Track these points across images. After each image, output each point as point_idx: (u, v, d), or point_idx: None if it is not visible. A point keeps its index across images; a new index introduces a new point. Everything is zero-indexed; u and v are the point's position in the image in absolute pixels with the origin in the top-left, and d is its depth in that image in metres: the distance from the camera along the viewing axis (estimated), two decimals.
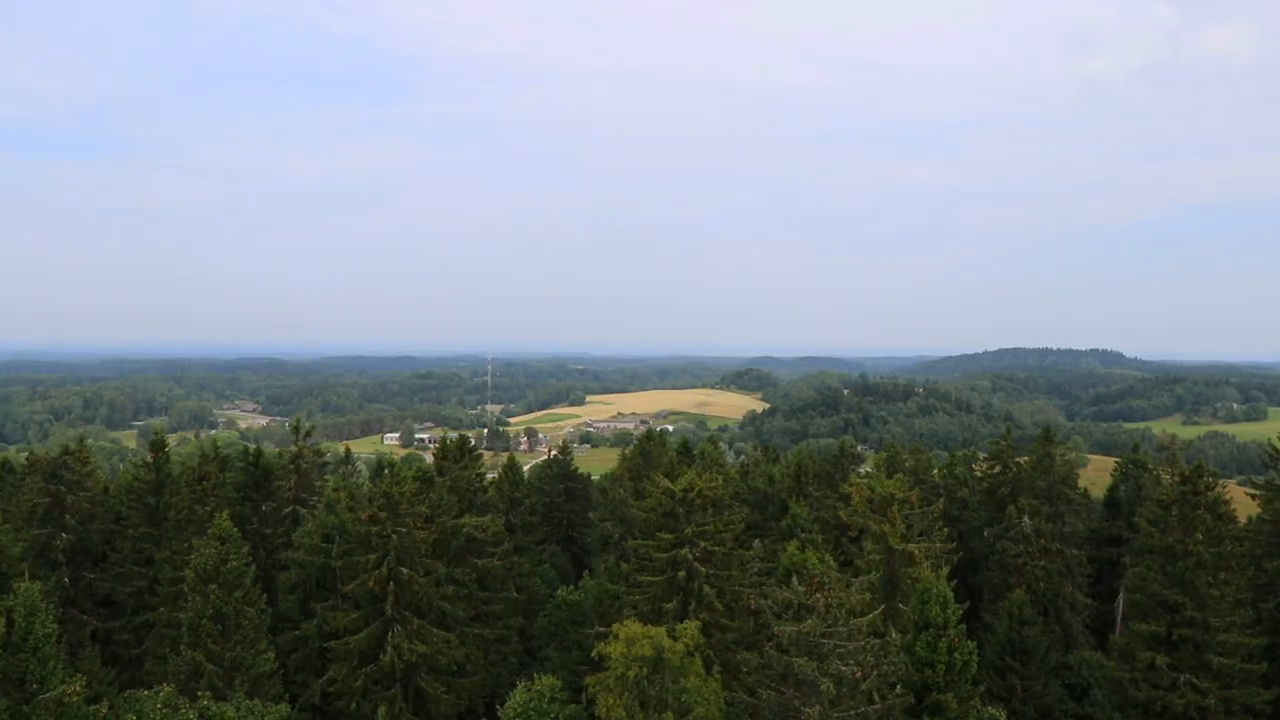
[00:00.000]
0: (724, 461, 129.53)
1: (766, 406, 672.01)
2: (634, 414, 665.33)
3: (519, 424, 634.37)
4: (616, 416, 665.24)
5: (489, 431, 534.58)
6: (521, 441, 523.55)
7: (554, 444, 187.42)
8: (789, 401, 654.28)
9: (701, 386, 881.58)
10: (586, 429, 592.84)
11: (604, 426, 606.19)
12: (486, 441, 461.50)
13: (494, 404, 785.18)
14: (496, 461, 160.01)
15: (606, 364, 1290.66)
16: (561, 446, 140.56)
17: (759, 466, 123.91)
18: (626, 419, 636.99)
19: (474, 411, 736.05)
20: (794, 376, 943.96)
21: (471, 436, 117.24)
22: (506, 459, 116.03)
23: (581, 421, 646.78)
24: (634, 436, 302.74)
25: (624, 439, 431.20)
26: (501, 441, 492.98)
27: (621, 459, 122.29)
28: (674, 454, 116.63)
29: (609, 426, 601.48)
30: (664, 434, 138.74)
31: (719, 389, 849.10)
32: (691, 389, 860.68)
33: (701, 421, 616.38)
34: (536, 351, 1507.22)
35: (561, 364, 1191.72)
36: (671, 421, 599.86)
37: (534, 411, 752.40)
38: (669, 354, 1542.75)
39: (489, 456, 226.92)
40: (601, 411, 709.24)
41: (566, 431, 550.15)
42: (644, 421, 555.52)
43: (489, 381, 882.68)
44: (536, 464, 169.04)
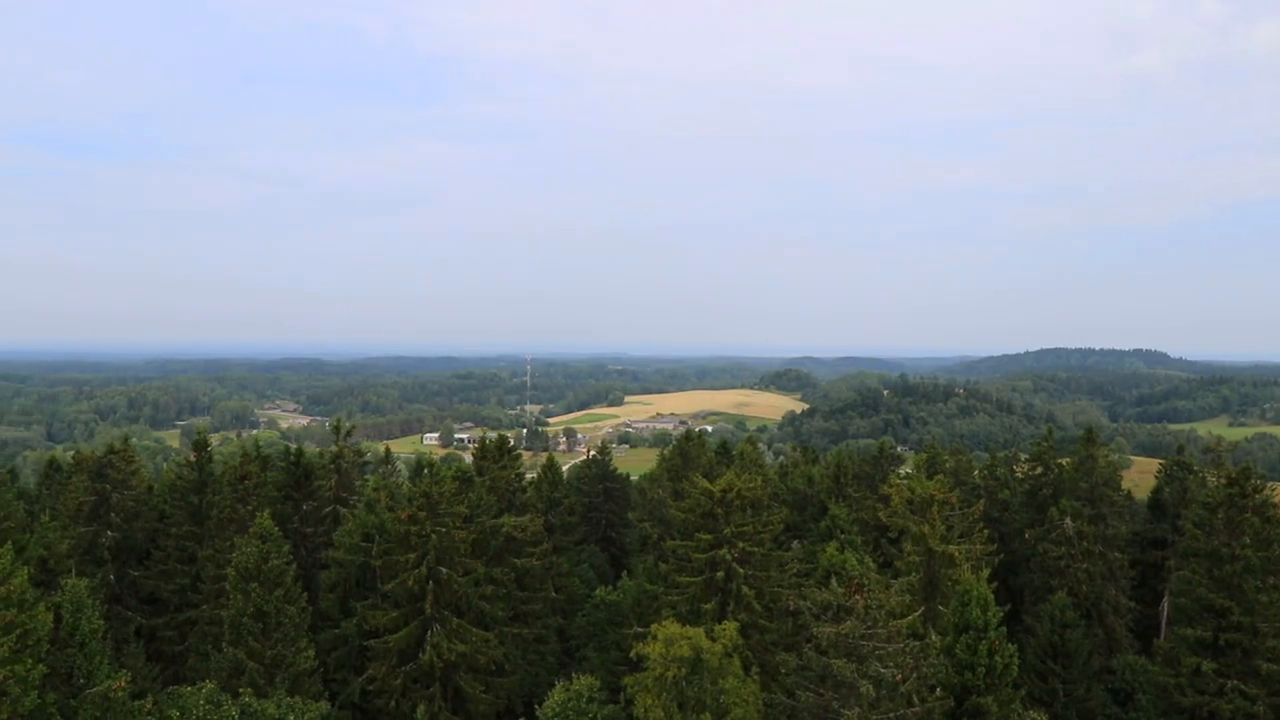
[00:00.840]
0: (763, 462, 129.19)
1: (806, 407, 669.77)
2: (673, 414, 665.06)
3: (558, 424, 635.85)
4: (655, 417, 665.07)
5: (528, 432, 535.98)
6: (560, 442, 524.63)
7: (593, 444, 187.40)
8: (828, 402, 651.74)
9: (740, 387, 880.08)
10: (625, 429, 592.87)
11: (643, 427, 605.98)
12: (525, 442, 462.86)
13: (533, 404, 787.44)
14: (535, 462, 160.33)
15: (645, 364, 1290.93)
16: (600, 447, 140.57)
17: (798, 467, 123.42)
18: (665, 419, 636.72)
19: (513, 412, 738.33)
20: (833, 377, 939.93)
21: (511, 437, 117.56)
22: (545, 459, 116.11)
23: (620, 422, 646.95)
24: (673, 437, 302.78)
25: (663, 439, 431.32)
26: (540, 442, 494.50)
27: (660, 459, 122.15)
28: (713, 454, 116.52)
29: (648, 427, 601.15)
30: (703, 434, 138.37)
31: (758, 389, 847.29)
32: (730, 389, 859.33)
33: (740, 422, 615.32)
34: (576, 352, 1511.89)
35: (600, 364, 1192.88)
36: (710, 422, 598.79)
37: (573, 412, 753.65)
38: (708, 354, 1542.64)
39: (528, 457, 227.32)
40: (640, 412, 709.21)
41: (605, 432, 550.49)
42: (683, 422, 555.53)
43: (528, 382, 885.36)
44: (575, 464, 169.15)
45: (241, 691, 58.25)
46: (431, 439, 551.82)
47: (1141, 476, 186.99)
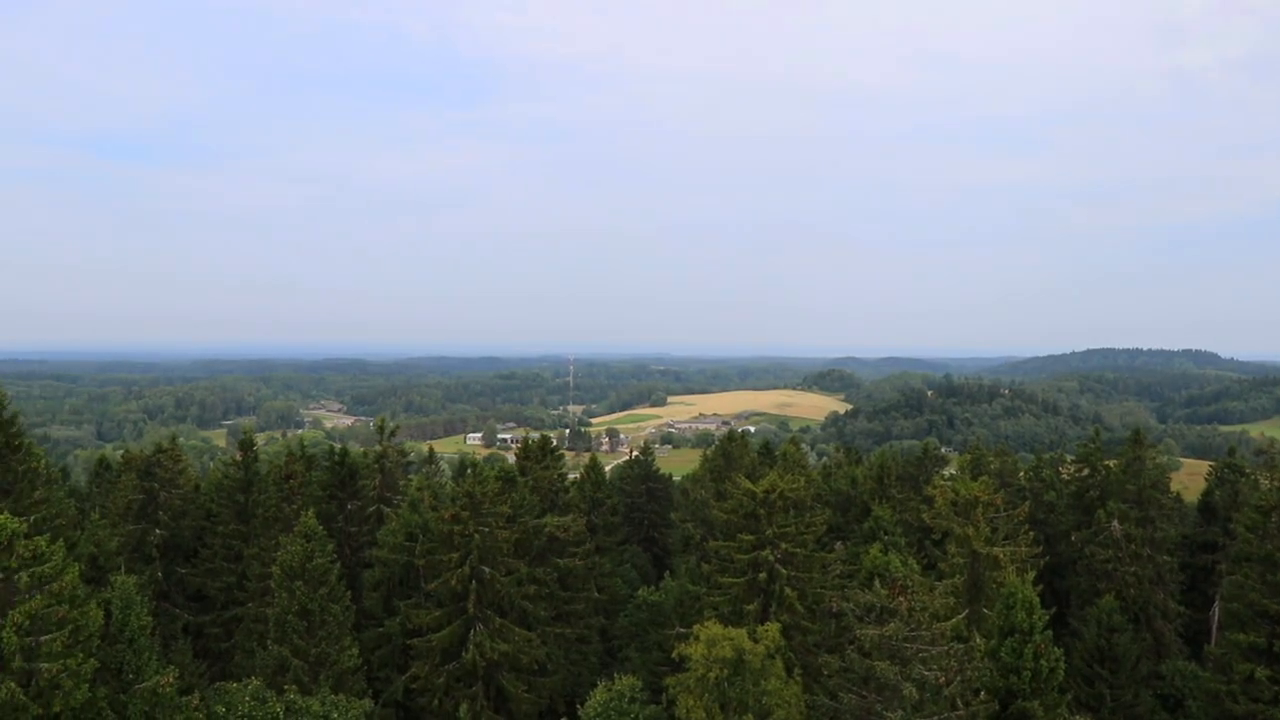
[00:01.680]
0: (806, 463, 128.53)
1: (849, 407, 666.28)
2: (715, 415, 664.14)
3: (601, 424, 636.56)
4: (698, 417, 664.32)
5: (571, 432, 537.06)
6: (603, 442, 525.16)
7: (635, 444, 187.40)
8: (872, 403, 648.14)
9: (783, 387, 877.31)
10: (668, 429, 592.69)
11: (685, 427, 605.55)
12: (568, 442, 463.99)
13: (576, 404, 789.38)
14: (578, 462, 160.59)
15: (688, 364, 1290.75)
16: (643, 447, 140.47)
17: (841, 468, 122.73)
18: (708, 420, 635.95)
19: (556, 412, 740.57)
20: (877, 377, 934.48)
21: (553, 437, 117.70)
22: (588, 459, 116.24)
23: (663, 422, 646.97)
24: (715, 437, 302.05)
25: (705, 440, 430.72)
26: (583, 442, 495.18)
27: (703, 460, 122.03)
28: (755, 455, 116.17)
29: (690, 427, 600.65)
30: (745, 435, 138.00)
31: (801, 390, 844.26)
32: (773, 390, 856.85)
33: (783, 422, 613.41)
34: (618, 352, 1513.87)
35: (643, 365, 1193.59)
36: (753, 422, 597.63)
37: (615, 412, 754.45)
38: (750, 354, 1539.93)
39: (571, 457, 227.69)
40: (683, 412, 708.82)
41: (648, 432, 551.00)
42: (725, 422, 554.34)
43: (571, 382, 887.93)
44: (618, 464, 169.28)
45: (286, 689, 58.72)
46: (475, 439, 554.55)
47: (1191, 479, 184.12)
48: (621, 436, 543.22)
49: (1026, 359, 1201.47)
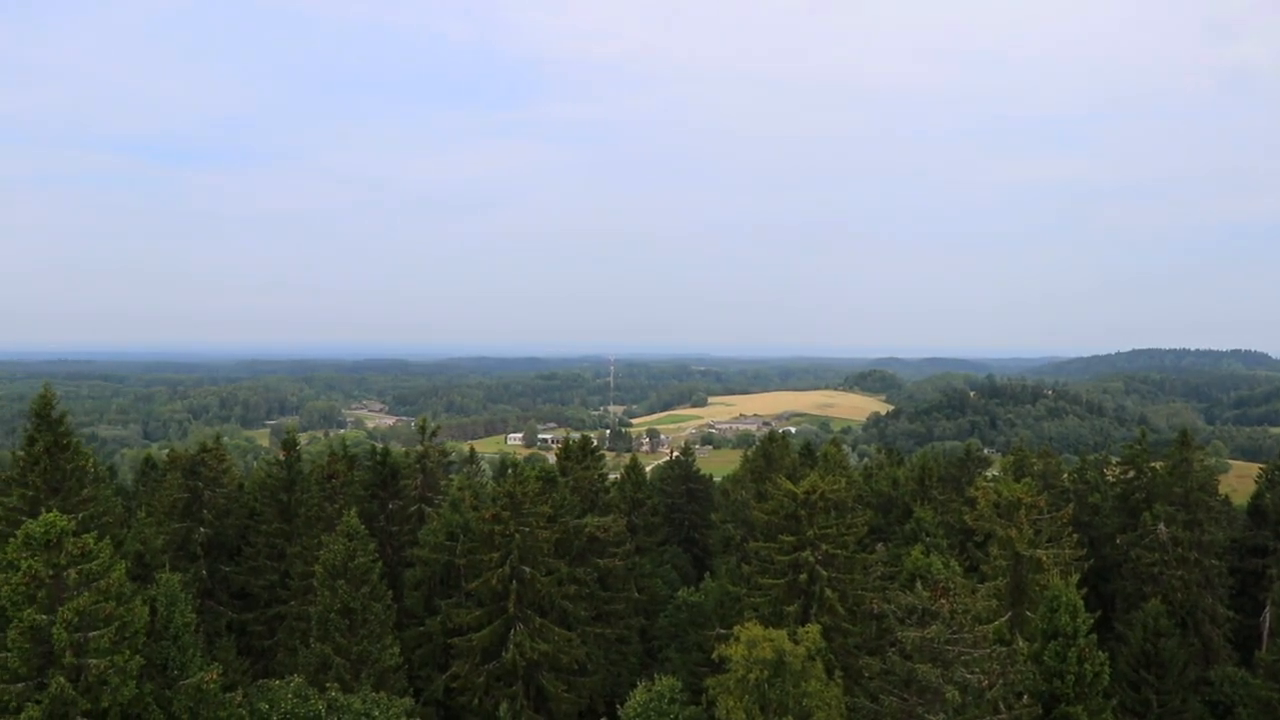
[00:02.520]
0: (847, 464, 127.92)
1: (890, 408, 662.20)
2: (756, 415, 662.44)
3: (641, 425, 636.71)
4: (738, 418, 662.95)
5: (611, 432, 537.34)
6: (643, 442, 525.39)
7: (676, 445, 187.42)
8: (913, 403, 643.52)
9: (824, 388, 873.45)
10: (708, 430, 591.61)
11: (726, 428, 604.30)
12: (609, 442, 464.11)
13: (616, 405, 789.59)
14: (619, 462, 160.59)
15: (728, 365, 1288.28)
16: (683, 447, 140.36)
17: (882, 469, 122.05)
18: (748, 420, 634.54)
19: (597, 412, 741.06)
20: (918, 378, 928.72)
21: (594, 437, 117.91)
22: (629, 460, 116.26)
23: (703, 423, 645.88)
24: (756, 438, 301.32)
25: (746, 440, 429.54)
26: (624, 442, 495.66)
27: (743, 460, 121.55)
28: (796, 456, 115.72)
29: (731, 428, 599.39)
30: (786, 435, 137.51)
31: (842, 390, 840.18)
32: (814, 390, 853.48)
33: (824, 423, 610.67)
34: (659, 352, 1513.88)
35: (683, 365, 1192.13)
36: (794, 423, 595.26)
37: (656, 412, 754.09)
38: (791, 355, 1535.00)
39: (611, 457, 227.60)
40: (723, 413, 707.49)
41: (688, 432, 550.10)
42: (766, 423, 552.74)
43: (611, 382, 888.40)
44: (658, 465, 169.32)
45: (328, 686, 59.15)
46: (515, 439, 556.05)
47: (1240, 481, 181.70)
48: (662, 437, 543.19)
49: (1070, 359, 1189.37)
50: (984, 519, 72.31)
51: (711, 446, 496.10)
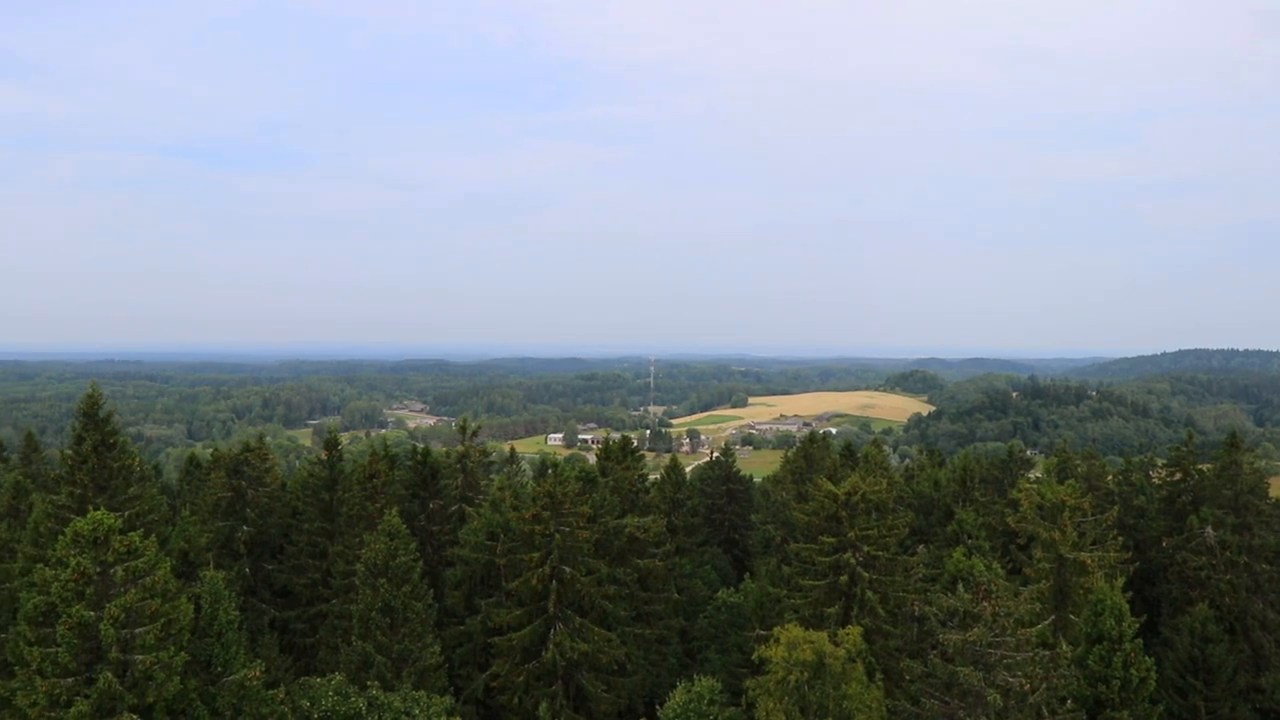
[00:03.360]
0: (888, 465, 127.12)
1: (932, 409, 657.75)
2: (796, 416, 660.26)
3: (681, 425, 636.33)
4: (779, 418, 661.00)
5: (651, 433, 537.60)
6: (683, 443, 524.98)
7: (716, 445, 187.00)
8: (955, 404, 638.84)
9: (865, 389, 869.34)
10: (748, 431, 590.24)
11: (766, 428, 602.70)
12: (649, 443, 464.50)
13: (656, 405, 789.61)
14: (659, 463, 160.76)
15: (769, 365, 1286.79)
16: (723, 448, 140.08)
17: (924, 470, 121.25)
18: (789, 421, 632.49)
19: (637, 413, 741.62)
20: (960, 378, 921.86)
21: (634, 437, 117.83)
22: (669, 460, 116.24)
23: (744, 423, 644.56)
24: (796, 438, 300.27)
25: (786, 441, 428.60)
26: (664, 443, 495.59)
27: (784, 461, 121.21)
28: (837, 457, 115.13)
29: (771, 428, 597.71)
30: (827, 436, 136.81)
31: (883, 391, 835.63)
32: (855, 391, 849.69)
33: (865, 424, 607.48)
34: (699, 353, 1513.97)
35: (724, 365, 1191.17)
36: (834, 424, 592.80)
37: (696, 413, 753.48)
38: (832, 355, 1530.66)
39: (651, 457, 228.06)
40: (763, 413, 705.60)
41: (728, 433, 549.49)
42: (806, 424, 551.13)
43: (651, 383, 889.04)
44: (698, 465, 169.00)
45: (369, 684, 59.53)
46: (556, 439, 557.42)
47: None
48: (702, 437, 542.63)
49: (1114, 360, 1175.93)
50: (1027, 521, 71.67)
51: (752, 447, 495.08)
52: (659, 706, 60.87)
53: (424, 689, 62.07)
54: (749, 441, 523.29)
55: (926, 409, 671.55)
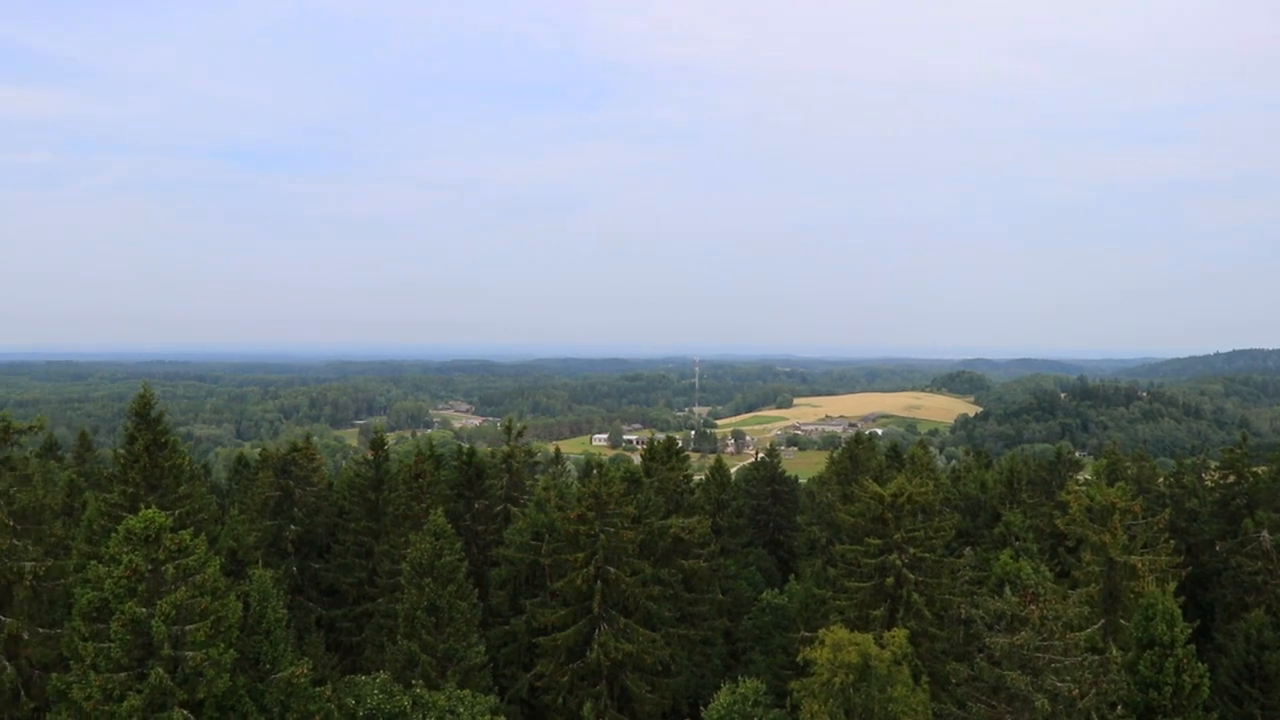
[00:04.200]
0: (934, 466, 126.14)
1: (979, 410, 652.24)
2: (842, 417, 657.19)
3: (726, 426, 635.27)
4: (824, 419, 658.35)
5: (696, 433, 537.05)
6: (728, 443, 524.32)
7: (761, 446, 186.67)
8: (1002, 405, 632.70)
9: (911, 389, 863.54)
10: (794, 431, 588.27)
11: (811, 429, 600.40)
12: (693, 443, 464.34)
13: (701, 406, 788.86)
14: (703, 463, 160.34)
15: (814, 366, 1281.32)
16: (768, 449, 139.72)
17: (971, 472, 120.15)
18: (834, 422, 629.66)
19: (681, 413, 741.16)
20: (1007, 379, 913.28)
21: (679, 438, 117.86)
22: (713, 461, 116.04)
23: (789, 424, 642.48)
24: (842, 439, 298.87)
25: (831, 442, 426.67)
26: (708, 443, 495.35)
27: (829, 462, 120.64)
28: (883, 458, 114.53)
29: (816, 429, 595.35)
30: (872, 437, 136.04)
31: (929, 392, 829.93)
32: (901, 392, 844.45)
33: (911, 425, 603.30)
34: (744, 353, 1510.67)
35: (769, 366, 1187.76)
36: (880, 425, 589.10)
37: (741, 414, 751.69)
38: (878, 356, 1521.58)
39: (696, 458, 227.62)
40: (809, 414, 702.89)
41: (773, 434, 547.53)
42: (852, 424, 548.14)
43: (696, 383, 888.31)
44: (743, 466, 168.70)
45: (414, 683, 59.91)
46: (600, 440, 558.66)
47: None
48: (747, 438, 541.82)
49: (1166, 360, 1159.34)
50: (1076, 523, 70.85)
51: (797, 448, 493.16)
52: (703, 708, 60.82)
53: (469, 688, 62.33)
54: (794, 442, 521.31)
55: (973, 410, 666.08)
